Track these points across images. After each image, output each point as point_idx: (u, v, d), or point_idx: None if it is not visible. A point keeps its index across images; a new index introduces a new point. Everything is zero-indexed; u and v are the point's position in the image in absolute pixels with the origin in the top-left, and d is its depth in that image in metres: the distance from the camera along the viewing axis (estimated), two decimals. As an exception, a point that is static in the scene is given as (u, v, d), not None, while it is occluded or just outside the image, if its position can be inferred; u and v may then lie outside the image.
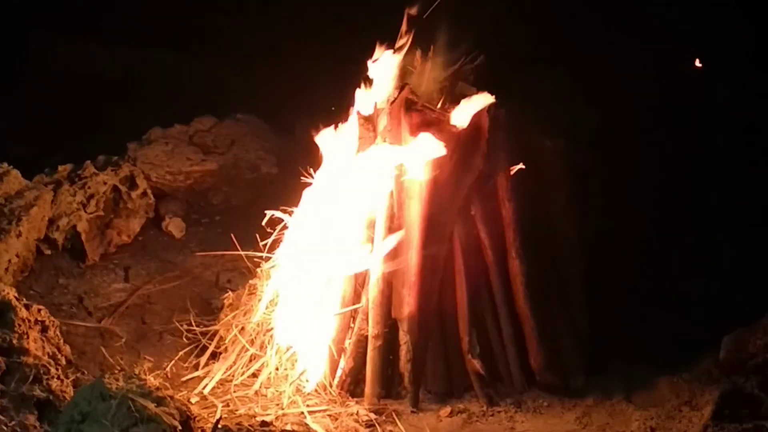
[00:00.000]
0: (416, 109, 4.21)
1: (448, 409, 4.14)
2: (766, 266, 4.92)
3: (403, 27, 4.39)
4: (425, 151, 4.12)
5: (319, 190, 4.44)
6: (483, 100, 4.25)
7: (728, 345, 4.31)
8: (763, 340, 4.19)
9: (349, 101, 4.48)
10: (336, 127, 4.49)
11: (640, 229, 5.13)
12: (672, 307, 4.75)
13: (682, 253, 5.05)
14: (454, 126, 4.24)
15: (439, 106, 4.32)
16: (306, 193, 4.50)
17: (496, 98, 4.33)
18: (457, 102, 4.38)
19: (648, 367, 4.46)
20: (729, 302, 4.77)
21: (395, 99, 4.19)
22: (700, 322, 4.69)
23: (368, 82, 4.43)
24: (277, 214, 4.60)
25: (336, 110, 4.55)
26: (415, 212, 4.18)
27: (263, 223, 4.59)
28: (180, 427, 3.45)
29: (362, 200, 4.25)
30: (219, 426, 3.22)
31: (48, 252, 5.21)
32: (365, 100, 4.42)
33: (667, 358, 4.49)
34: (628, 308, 4.69)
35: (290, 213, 4.57)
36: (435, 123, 4.22)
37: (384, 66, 4.38)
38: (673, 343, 4.58)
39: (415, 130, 4.18)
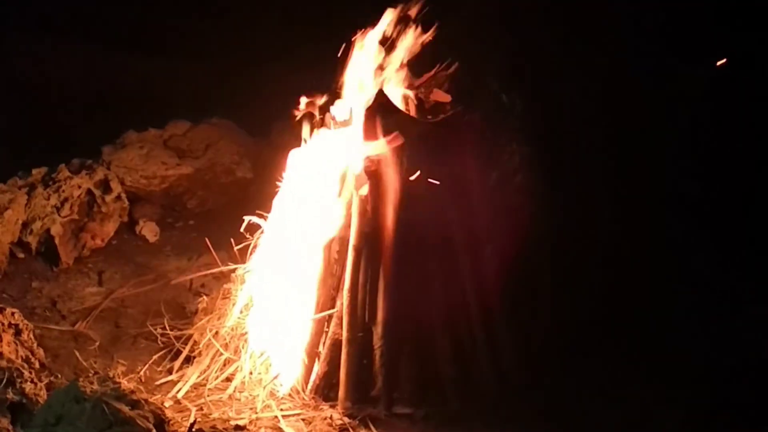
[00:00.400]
0: (391, 114, 4.23)
1: (421, 413, 4.16)
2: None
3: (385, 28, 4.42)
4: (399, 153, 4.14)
5: (293, 194, 4.45)
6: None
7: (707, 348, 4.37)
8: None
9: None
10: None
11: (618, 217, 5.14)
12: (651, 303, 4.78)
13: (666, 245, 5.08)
14: (428, 131, 4.26)
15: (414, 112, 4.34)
16: (279, 197, 4.51)
17: (471, 103, 4.37)
18: (432, 109, 4.43)
19: (622, 369, 4.50)
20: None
21: (371, 104, 4.20)
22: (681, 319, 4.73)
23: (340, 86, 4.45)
24: (254, 219, 4.61)
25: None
26: (389, 217, 4.20)
27: (241, 229, 4.59)
28: (154, 430, 3.47)
29: (336, 204, 4.26)
30: (193, 430, 3.23)
31: (21, 256, 5.20)
32: (340, 105, 4.44)
33: (642, 358, 4.53)
34: (603, 304, 4.71)
35: (265, 217, 4.57)
36: (409, 128, 4.24)
37: (359, 70, 4.41)
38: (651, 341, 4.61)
39: (390, 134, 4.20)
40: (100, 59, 7.13)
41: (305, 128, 4.49)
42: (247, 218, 4.59)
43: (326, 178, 4.32)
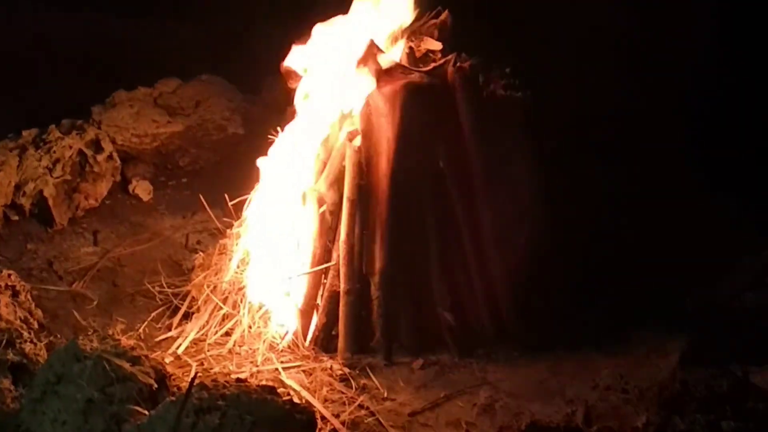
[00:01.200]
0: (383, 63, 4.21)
1: (420, 361, 4.19)
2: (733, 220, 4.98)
3: None
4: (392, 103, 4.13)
5: (287, 148, 4.44)
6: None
7: (696, 292, 4.39)
8: (729, 288, 4.27)
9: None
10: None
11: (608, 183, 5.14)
12: (642, 258, 4.79)
13: (654, 203, 5.08)
14: (421, 80, 4.23)
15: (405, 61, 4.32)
16: (273, 151, 4.49)
17: (462, 52, 4.35)
18: (423, 58, 4.40)
19: (617, 317, 4.53)
20: (697, 251, 4.82)
21: (363, 53, 4.18)
22: (668, 271, 4.75)
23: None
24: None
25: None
26: (383, 167, 4.19)
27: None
28: (156, 386, 3.47)
29: (331, 156, 4.25)
30: (195, 383, 3.23)
31: (15, 218, 5.18)
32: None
33: (635, 306, 4.56)
34: (597, 257, 4.72)
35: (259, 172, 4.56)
36: (400, 78, 4.22)
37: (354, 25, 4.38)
38: (642, 291, 4.64)
39: (381, 83, 4.19)
40: (88, 19, 7.04)
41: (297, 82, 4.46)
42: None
43: (319, 131, 4.30)
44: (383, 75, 4.17)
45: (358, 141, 4.21)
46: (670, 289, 4.57)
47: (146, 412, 3.29)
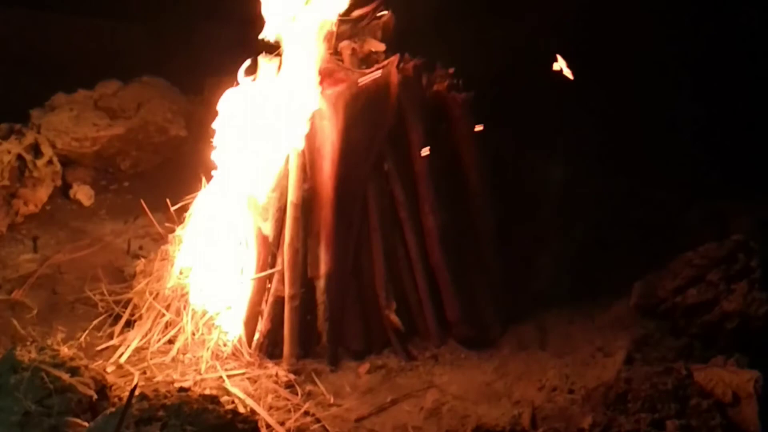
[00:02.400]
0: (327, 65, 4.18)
1: (366, 365, 4.17)
2: (675, 215, 5.03)
3: None
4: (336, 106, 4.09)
5: (230, 150, 4.38)
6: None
7: (639, 290, 4.42)
8: (672, 285, 4.30)
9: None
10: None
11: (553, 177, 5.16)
12: (585, 254, 4.82)
13: (598, 200, 5.12)
14: (364, 82, 4.21)
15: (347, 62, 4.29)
16: (216, 155, 4.43)
17: (406, 53, 4.34)
18: (366, 58, 4.37)
19: (562, 315, 4.56)
20: (640, 249, 4.86)
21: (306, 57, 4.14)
22: (611, 267, 4.78)
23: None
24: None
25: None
26: (327, 171, 4.15)
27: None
28: (96, 396, 3.42)
29: (273, 160, 4.20)
30: (136, 393, 3.18)
31: (-47, 224, 5.08)
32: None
33: (580, 305, 4.59)
34: (541, 256, 4.74)
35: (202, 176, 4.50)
36: (343, 79, 4.19)
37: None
38: (587, 289, 4.67)
39: (323, 85, 4.15)
40: (24, 20, 6.89)
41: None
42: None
43: (263, 133, 4.25)
44: (325, 77, 4.14)
45: (301, 143, 4.16)
46: (613, 286, 4.61)
47: (85, 424, 3.25)
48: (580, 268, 4.73)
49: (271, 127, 4.16)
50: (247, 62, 4.32)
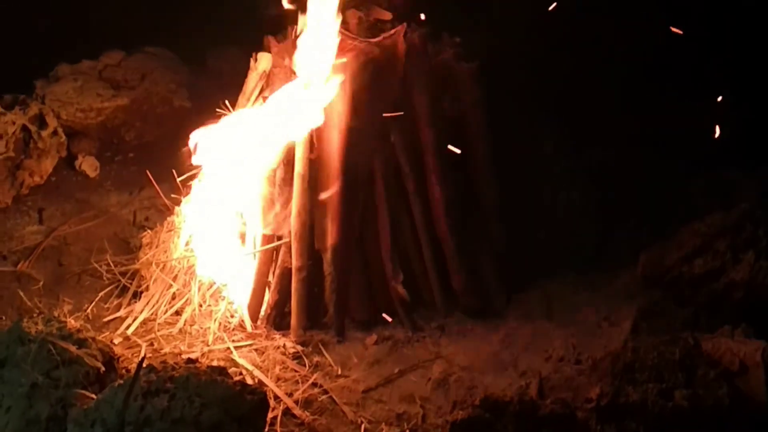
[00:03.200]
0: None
1: (373, 337, 4.16)
2: (681, 185, 5.00)
3: None
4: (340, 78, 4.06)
5: (237, 121, 4.36)
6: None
7: (645, 260, 4.40)
8: (678, 254, 4.29)
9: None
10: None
11: (557, 147, 5.14)
12: (591, 225, 4.81)
13: (604, 171, 5.09)
14: (370, 51, 4.18)
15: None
16: (222, 124, 4.40)
17: (412, 22, 4.30)
18: (372, 27, 4.34)
19: (568, 285, 4.55)
20: (646, 218, 4.85)
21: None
22: (618, 238, 4.77)
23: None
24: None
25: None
26: (334, 142, 4.13)
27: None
28: (103, 368, 3.42)
29: (281, 131, 4.17)
30: (144, 365, 3.18)
31: (-44, 197, 5.06)
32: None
33: (586, 274, 4.59)
34: (548, 227, 4.73)
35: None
36: (350, 48, 4.16)
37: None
38: (592, 259, 4.66)
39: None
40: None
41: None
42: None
43: (270, 105, 4.23)
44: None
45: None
46: (619, 255, 4.60)
47: (93, 396, 3.25)
48: (585, 237, 4.73)
49: (281, 100, 4.14)
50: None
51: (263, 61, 4.43)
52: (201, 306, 4.20)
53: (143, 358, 3.42)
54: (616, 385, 3.47)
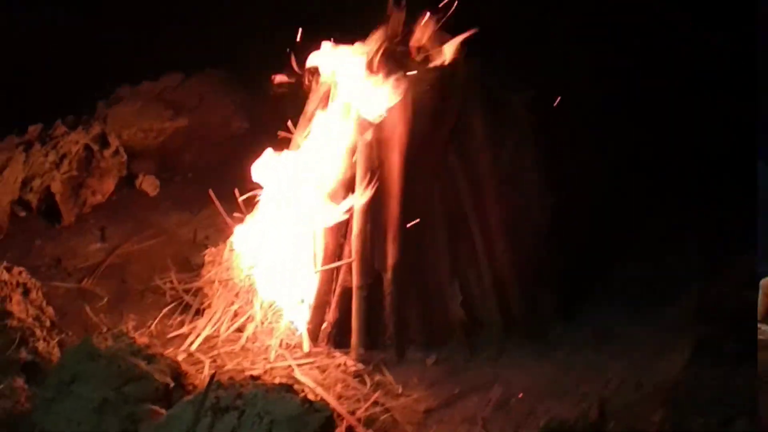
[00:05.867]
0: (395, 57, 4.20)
1: (433, 357, 4.18)
2: (733, 214, 4.98)
3: None
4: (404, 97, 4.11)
5: (296, 146, 4.42)
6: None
7: (694, 291, 4.38)
8: (730, 288, 4.26)
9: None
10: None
11: (609, 177, 5.15)
12: (643, 255, 4.80)
13: (654, 199, 5.09)
14: (430, 74, 4.22)
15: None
16: (282, 149, 4.47)
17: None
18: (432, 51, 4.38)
19: (621, 314, 4.53)
20: (699, 250, 4.82)
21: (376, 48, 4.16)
22: (670, 270, 4.75)
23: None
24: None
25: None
26: (394, 164, 4.17)
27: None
28: (172, 384, 3.47)
29: (342, 154, 4.22)
30: (213, 381, 3.23)
31: (22, 214, 5.18)
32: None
33: (638, 306, 4.56)
34: (599, 256, 4.73)
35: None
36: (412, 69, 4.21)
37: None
38: (644, 291, 4.64)
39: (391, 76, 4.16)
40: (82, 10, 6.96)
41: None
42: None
43: (330, 126, 4.28)
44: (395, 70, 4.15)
45: (369, 135, 4.18)
46: (664, 287, 4.58)
47: (163, 411, 3.29)
48: (639, 268, 4.72)
49: (341, 118, 4.20)
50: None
51: (324, 84, 4.48)
52: (263, 323, 4.25)
53: (214, 374, 3.46)
54: (678, 411, 3.47)
